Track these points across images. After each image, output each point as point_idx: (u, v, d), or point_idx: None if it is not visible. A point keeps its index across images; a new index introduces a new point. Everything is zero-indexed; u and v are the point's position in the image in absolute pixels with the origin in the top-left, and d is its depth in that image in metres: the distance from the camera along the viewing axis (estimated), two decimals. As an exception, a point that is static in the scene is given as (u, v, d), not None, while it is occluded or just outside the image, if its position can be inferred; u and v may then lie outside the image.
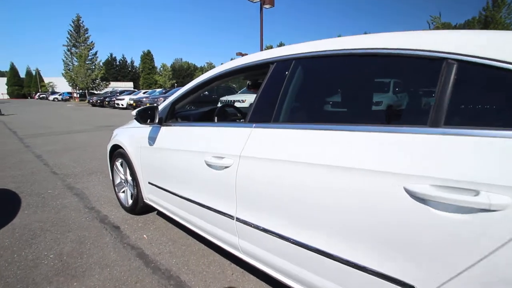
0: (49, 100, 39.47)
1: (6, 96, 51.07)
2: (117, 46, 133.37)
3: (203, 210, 1.50)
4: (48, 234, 2.08)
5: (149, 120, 1.79)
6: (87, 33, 36.36)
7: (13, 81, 52.88)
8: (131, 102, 16.74)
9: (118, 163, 2.45)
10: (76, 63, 33.50)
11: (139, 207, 2.26)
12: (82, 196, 2.83)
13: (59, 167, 3.98)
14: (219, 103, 11.28)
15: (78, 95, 34.51)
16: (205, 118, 2.23)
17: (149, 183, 1.99)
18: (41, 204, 2.64)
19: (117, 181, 2.52)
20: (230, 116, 2.40)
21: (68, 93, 38.41)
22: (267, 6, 14.06)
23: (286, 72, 1.25)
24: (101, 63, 36.48)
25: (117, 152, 2.38)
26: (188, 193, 1.61)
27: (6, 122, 10.61)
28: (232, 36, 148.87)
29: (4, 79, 55.15)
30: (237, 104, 10.63)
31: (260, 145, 1.21)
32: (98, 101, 22.18)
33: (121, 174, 2.44)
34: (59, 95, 38.98)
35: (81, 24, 36.27)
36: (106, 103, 20.55)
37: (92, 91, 32.67)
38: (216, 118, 2.11)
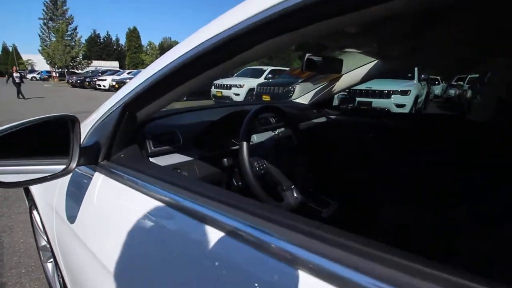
0: (26, 78, 36.56)
1: (-20, 74, 47.12)
2: (101, 22, 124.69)
3: None
4: None
5: (46, 174, 0.61)
6: (65, 5, 33.18)
7: (-13, 58, 48.83)
8: (113, 83, 15.02)
9: (35, 213, 1.28)
10: (53, 39, 30.73)
11: (74, 309, 1.13)
12: (-8, 252, 1.67)
13: (-12, 181, 2.76)
14: (213, 87, 9.74)
15: (57, 74, 31.89)
16: (218, 136, 1.05)
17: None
18: None
19: (42, 242, 1.37)
20: (260, 123, 1.23)
21: (47, 71, 35.60)
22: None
23: None
24: (82, 40, 33.70)
25: (31, 194, 1.21)
26: None
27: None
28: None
29: (-23, 56, 50.92)
30: (233, 90, 9.29)
31: None
32: (78, 81, 20.23)
33: (43, 234, 1.28)
34: (37, 73, 36.09)
35: (58, -5, 32.98)
36: (87, 83, 18.67)
37: (72, 70, 30.19)
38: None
